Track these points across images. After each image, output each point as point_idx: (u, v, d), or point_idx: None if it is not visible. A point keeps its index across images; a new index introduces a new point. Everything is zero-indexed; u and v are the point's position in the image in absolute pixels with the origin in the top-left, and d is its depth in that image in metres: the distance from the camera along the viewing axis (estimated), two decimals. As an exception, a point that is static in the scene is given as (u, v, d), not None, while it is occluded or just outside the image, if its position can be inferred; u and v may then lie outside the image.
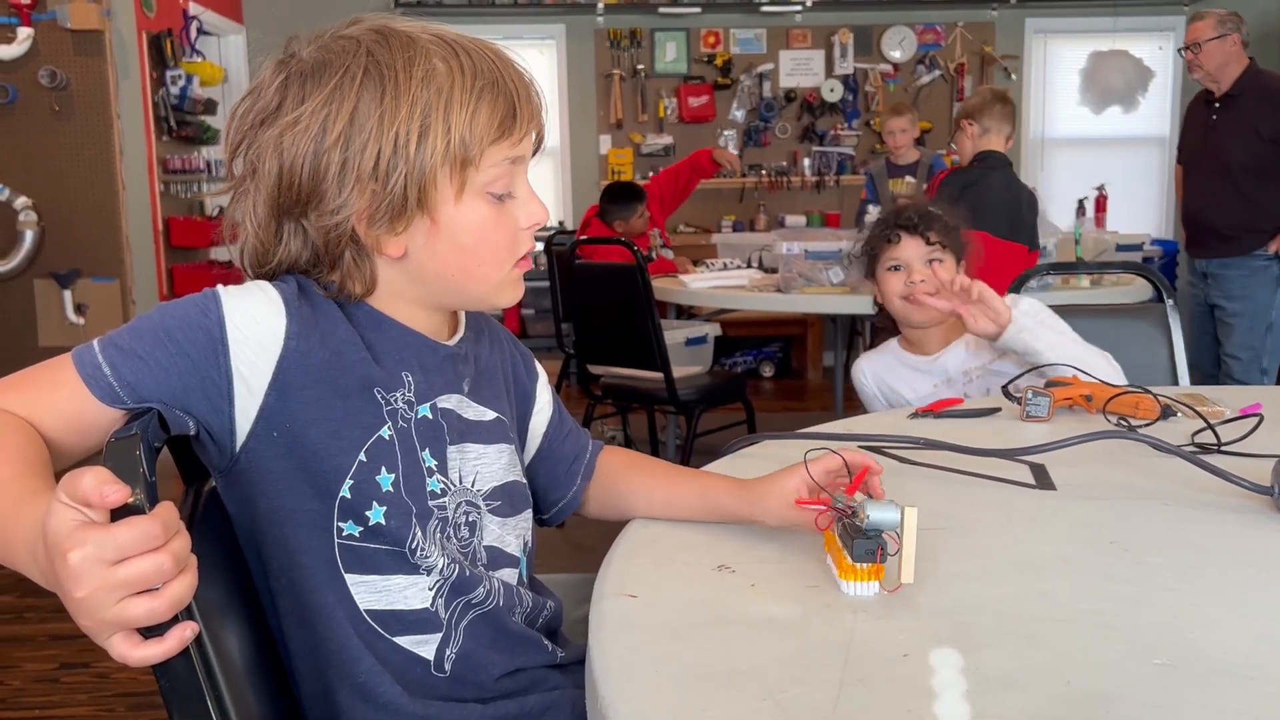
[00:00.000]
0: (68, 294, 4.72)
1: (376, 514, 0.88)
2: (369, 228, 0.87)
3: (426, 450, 0.91)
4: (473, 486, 0.96)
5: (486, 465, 0.97)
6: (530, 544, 1.03)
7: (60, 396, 0.81)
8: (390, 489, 0.88)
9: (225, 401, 0.84)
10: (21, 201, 4.63)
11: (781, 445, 1.31)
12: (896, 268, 1.92)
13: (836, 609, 0.82)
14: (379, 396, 0.89)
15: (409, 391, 0.91)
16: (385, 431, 0.89)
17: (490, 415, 0.99)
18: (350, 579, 0.88)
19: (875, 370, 1.99)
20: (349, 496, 0.87)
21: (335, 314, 0.89)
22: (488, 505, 0.97)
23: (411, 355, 0.92)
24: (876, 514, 0.85)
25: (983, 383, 1.86)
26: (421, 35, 0.87)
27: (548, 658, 0.99)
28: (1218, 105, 3.88)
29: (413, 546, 0.89)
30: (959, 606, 0.83)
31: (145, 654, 0.65)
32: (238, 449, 0.86)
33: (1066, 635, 0.77)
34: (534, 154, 0.93)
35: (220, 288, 0.86)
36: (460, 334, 1.00)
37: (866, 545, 0.83)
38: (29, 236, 4.64)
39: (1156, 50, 6.73)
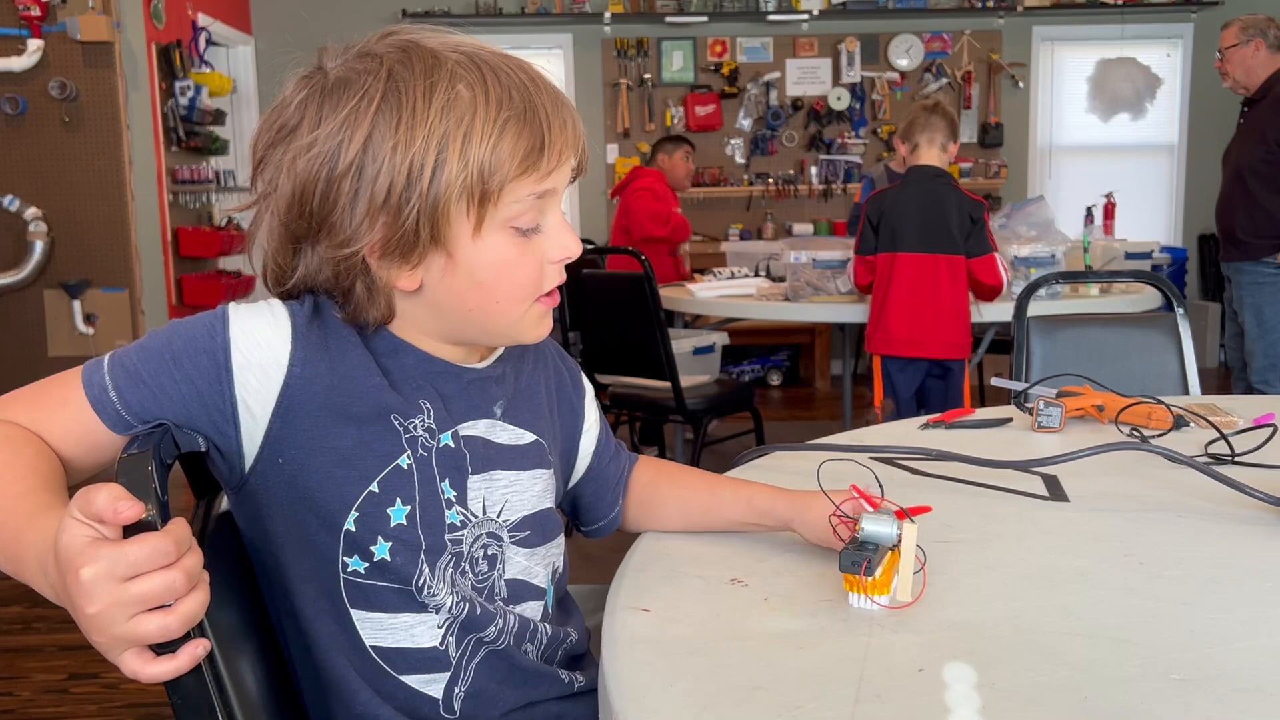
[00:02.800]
0: (77, 304, 4.73)
1: (381, 549, 0.85)
2: (381, 260, 0.82)
3: (446, 481, 0.88)
4: (498, 517, 0.92)
5: (518, 494, 0.93)
6: (560, 570, 1.00)
7: (68, 415, 0.80)
8: (403, 522, 0.86)
9: (230, 426, 0.82)
10: (31, 212, 4.64)
11: (792, 457, 1.30)
12: None
13: (851, 623, 0.82)
14: (397, 424, 0.86)
15: (428, 419, 0.87)
16: (404, 460, 0.86)
17: (529, 438, 0.95)
18: (356, 615, 0.86)
19: None
20: (353, 529, 0.84)
21: (350, 338, 0.86)
22: (513, 536, 0.93)
23: (429, 382, 0.89)
24: (872, 526, 0.84)
25: None
26: (450, 55, 0.81)
27: (563, 689, 0.95)
28: (1245, 110, 3.90)
29: (419, 584, 0.86)
30: (974, 621, 0.83)
31: (157, 670, 0.65)
32: (246, 471, 0.84)
33: (1083, 650, 0.77)
34: (574, 179, 0.88)
35: (231, 307, 0.84)
36: (497, 353, 0.96)
37: (853, 557, 0.82)
38: (39, 247, 4.66)
39: (1164, 57, 6.73)
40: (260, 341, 0.82)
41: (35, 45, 4.56)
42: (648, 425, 4.28)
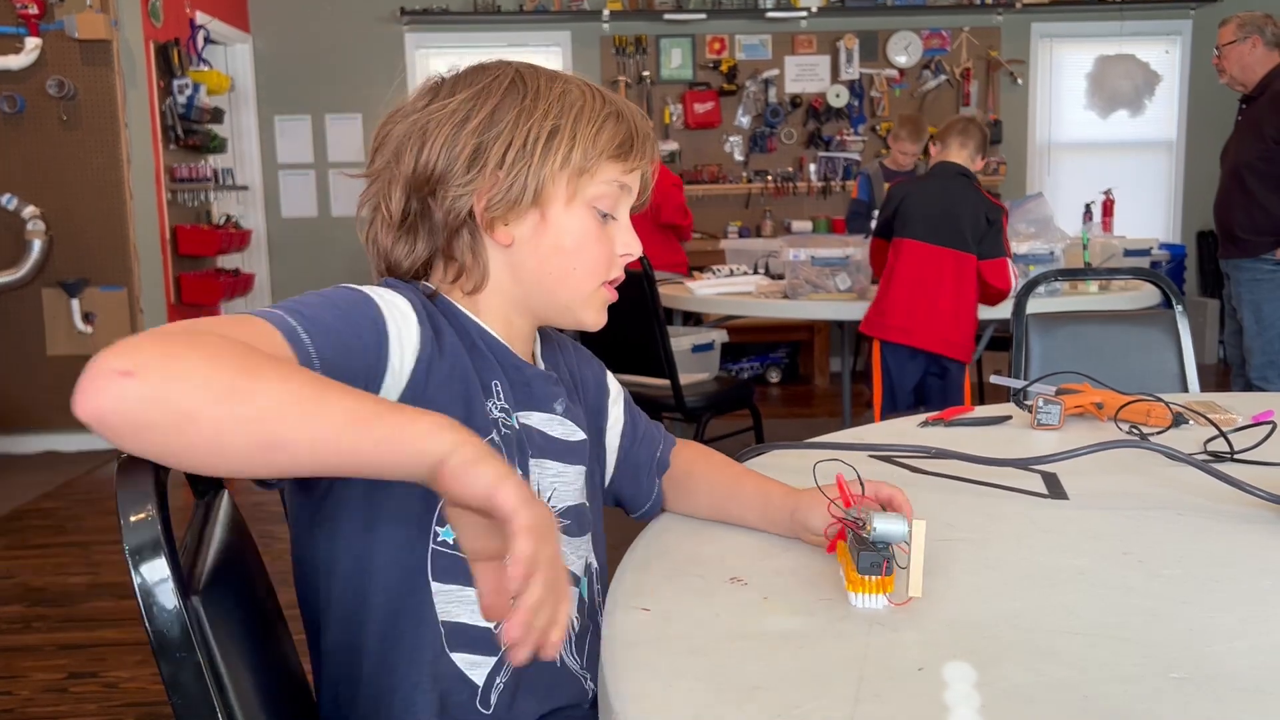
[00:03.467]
0: (76, 303, 4.73)
1: None
2: (486, 210, 0.93)
3: (515, 461, 0.93)
4: (549, 502, 0.97)
5: (565, 485, 0.99)
6: (595, 564, 1.03)
7: (275, 347, 0.75)
8: None
9: (375, 391, 0.83)
10: (30, 211, 4.64)
11: (792, 455, 1.30)
12: None
13: (851, 622, 0.82)
14: (485, 404, 0.92)
15: (500, 399, 0.94)
16: (494, 436, 0.92)
17: (579, 436, 1.02)
18: (436, 587, 0.89)
19: None
20: None
21: (443, 323, 0.92)
22: (560, 524, 0.97)
23: (498, 368, 0.95)
24: (884, 526, 0.84)
25: None
26: (565, 73, 0.97)
27: (584, 697, 0.98)
28: (1243, 106, 3.89)
29: None
30: (973, 620, 0.83)
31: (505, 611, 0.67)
32: None
33: (1082, 649, 0.77)
34: (637, 200, 1.00)
35: (364, 286, 0.87)
36: (540, 363, 1.02)
37: (872, 558, 0.83)
38: (37, 246, 4.66)
39: (1163, 54, 6.72)
40: (403, 315, 0.87)
41: (33, 44, 4.55)
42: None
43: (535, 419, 0.97)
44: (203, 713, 0.70)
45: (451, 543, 0.88)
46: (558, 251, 0.95)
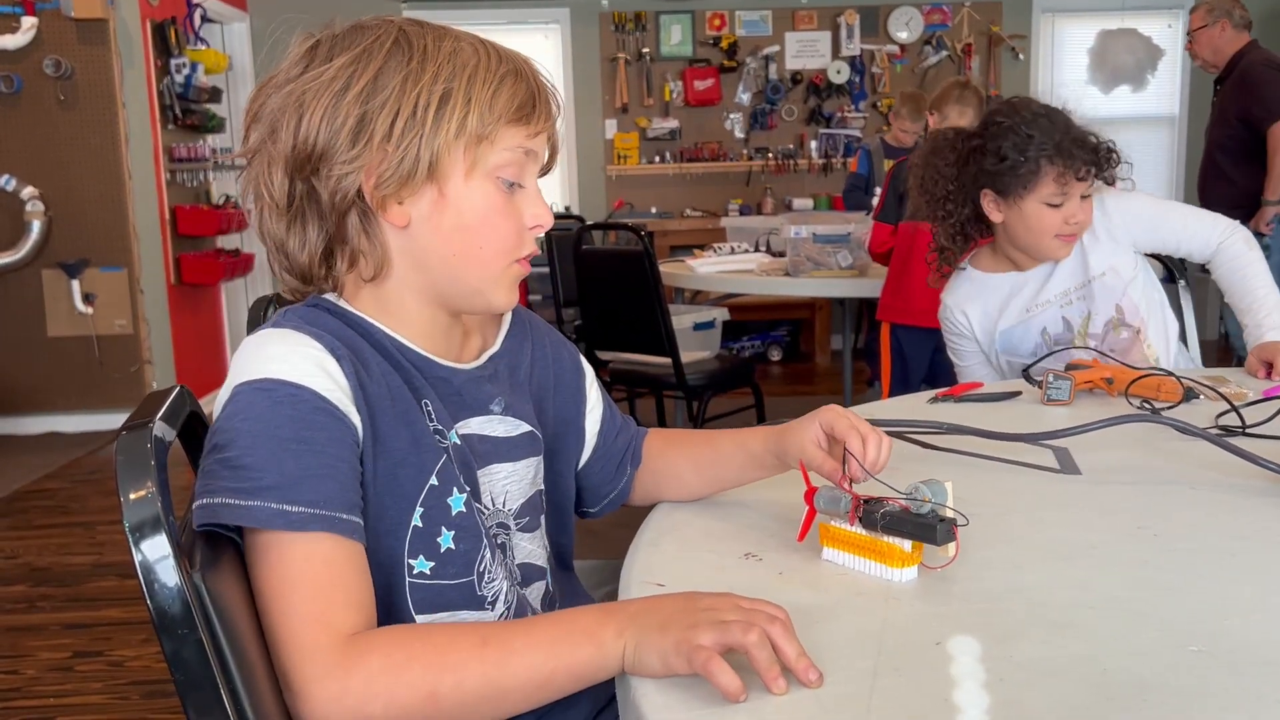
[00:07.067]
0: (76, 284, 4.71)
1: (446, 539, 0.86)
2: (376, 188, 0.84)
3: (463, 477, 0.89)
4: (504, 507, 0.94)
5: (516, 483, 0.95)
6: (548, 549, 1.01)
7: (342, 576, 0.77)
8: (463, 509, 0.87)
9: (358, 453, 0.83)
10: (29, 191, 4.62)
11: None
12: (1055, 204, 1.82)
13: (868, 597, 0.81)
14: (425, 422, 0.87)
15: (433, 420, 0.88)
16: (443, 456, 0.87)
17: (524, 429, 0.96)
18: (421, 620, 0.86)
19: (964, 304, 1.92)
20: (420, 525, 0.85)
21: (362, 343, 0.87)
22: (517, 524, 0.95)
23: (425, 384, 0.89)
24: (938, 494, 0.84)
25: (1082, 305, 1.83)
26: (453, 28, 0.88)
27: None
28: (1218, 88, 4.00)
29: (481, 570, 0.88)
30: (990, 594, 0.82)
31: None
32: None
33: (1099, 623, 0.76)
34: (547, 166, 0.92)
35: (271, 368, 0.80)
36: (490, 350, 0.97)
37: (945, 526, 0.82)
38: (36, 226, 4.64)
39: (1165, 29, 6.68)
40: (329, 375, 0.82)
41: (29, 23, 4.52)
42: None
43: (474, 424, 0.92)
44: (205, 689, 0.69)
45: (428, 572, 0.86)
46: (460, 229, 0.86)
